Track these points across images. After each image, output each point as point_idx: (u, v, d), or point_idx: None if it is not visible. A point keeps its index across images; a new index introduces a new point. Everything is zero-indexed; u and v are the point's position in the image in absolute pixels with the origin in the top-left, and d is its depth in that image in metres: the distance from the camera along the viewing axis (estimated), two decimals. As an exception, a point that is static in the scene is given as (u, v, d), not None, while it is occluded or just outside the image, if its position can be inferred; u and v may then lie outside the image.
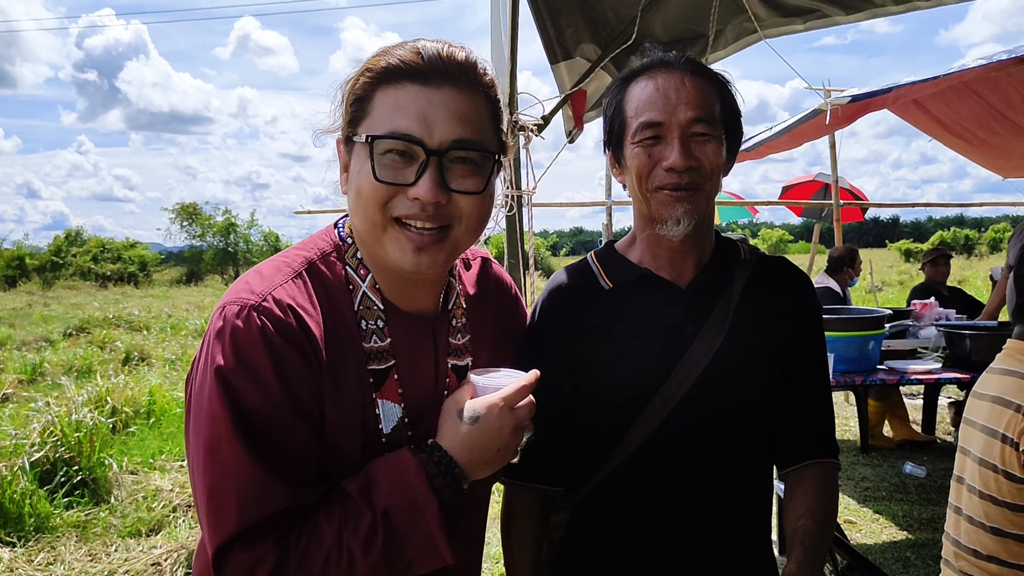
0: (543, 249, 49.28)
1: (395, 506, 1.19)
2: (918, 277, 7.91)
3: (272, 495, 1.15)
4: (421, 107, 1.20)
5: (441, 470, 1.23)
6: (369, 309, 1.31)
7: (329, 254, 1.33)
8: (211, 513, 1.16)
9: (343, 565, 1.16)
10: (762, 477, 1.64)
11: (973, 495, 2.16)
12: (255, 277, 1.26)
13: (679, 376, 1.53)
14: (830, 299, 6.95)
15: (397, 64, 1.22)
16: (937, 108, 6.86)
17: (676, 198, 1.50)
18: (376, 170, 1.21)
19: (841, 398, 8.71)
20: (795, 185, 12.24)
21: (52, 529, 5.12)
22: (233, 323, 1.17)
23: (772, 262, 1.70)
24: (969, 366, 4.68)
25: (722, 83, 1.58)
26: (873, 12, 3.66)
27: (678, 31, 3.79)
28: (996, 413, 2.10)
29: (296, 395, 1.18)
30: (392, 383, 1.31)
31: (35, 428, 5.84)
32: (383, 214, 1.23)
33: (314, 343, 1.21)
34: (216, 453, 1.15)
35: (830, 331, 4.73)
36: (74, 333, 15.14)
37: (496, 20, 3.27)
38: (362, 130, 1.24)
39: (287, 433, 1.17)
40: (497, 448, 1.26)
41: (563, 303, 1.64)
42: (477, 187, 1.25)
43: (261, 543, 1.14)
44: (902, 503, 5.47)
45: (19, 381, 10.27)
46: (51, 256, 38.59)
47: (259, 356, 1.16)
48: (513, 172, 3.35)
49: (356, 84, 1.26)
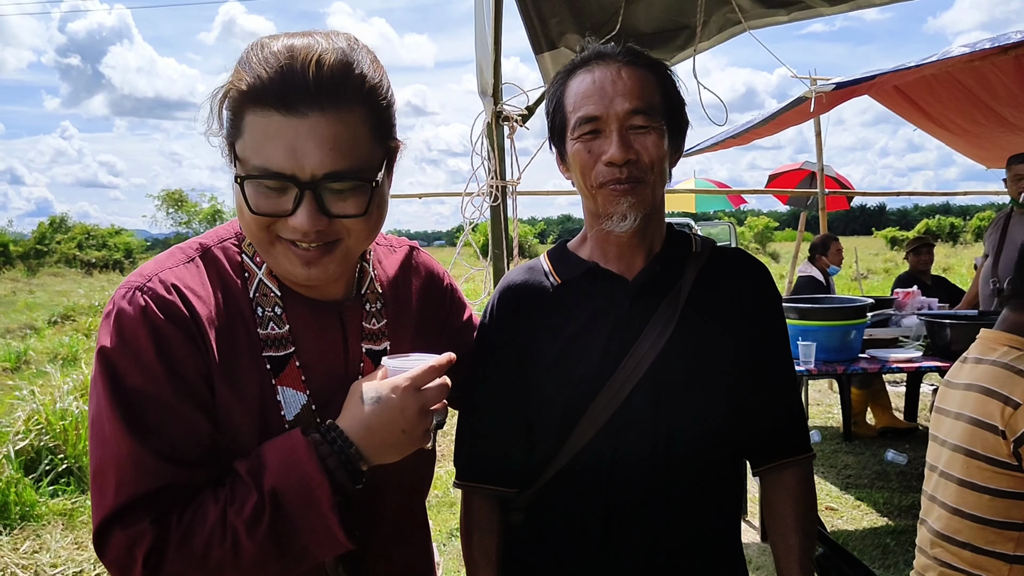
0: (531, 237, 49.22)
1: (284, 486, 1.16)
2: (903, 265, 7.95)
3: (150, 472, 1.13)
4: (288, 140, 1.13)
5: (335, 450, 1.20)
6: (266, 296, 1.29)
7: (227, 240, 1.33)
8: (94, 492, 1.16)
9: (227, 544, 1.14)
10: (724, 477, 1.59)
11: (950, 482, 2.19)
12: (150, 263, 1.27)
13: (627, 368, 1.50)
14: (813, 288, 7.00)
15: (261, 86, 1.14)
16: (922, 98, 6.89)
17: (620, 192, 1.48)
18: (251, 203, 1.18)
19: (824, 385, 8.78)
20: (781, 173, 12.27)
21: (38, 517, 5.12)
22: (119, 305, 1.18)
23: (727, 253, 1.67)
24: (950, 355, 4.73)
25: (663, 73, 1.55)
26: (856, 3, 3.66)
27: (662, 22, 3.78)
28: (980, 403, 2.12)
29: (179, 374, 1.17)
30: (293, 370, 1.28)
31: (20, 416, 5.84)
32: (268, 234, 1.21)
33: (200, 324, 1.20)
34: (99, 432, 1.16)
35: (812, 320, 4.77)
36: (59, 321, 15.08)
37: (480, 8, 3.27)
38: (238, 148, 1.19)
39: (168, 412, 1.16)
40: (400, 429, 1.22)
41: (511, 300, 1.62)
42: (358, 210, 1.20)
43: (139, 521, 1.12)
44: (883, 490, 5.54)
45: (3, 369, 10.26)
46: (35, 243, 38.31)
47: (140, 336, 1.16)
48: (498, 162, 3.35)
49: (223, 101, 1.21)
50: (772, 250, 42.59)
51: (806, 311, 4.81)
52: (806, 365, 4.65)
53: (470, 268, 3.84)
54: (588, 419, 1.51)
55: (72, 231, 39.86)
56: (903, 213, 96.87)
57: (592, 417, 1.51)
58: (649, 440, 1.50)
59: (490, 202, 3.44)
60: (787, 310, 4.87)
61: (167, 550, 1.13)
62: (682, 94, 1.59)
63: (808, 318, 4.78)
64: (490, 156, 3.36)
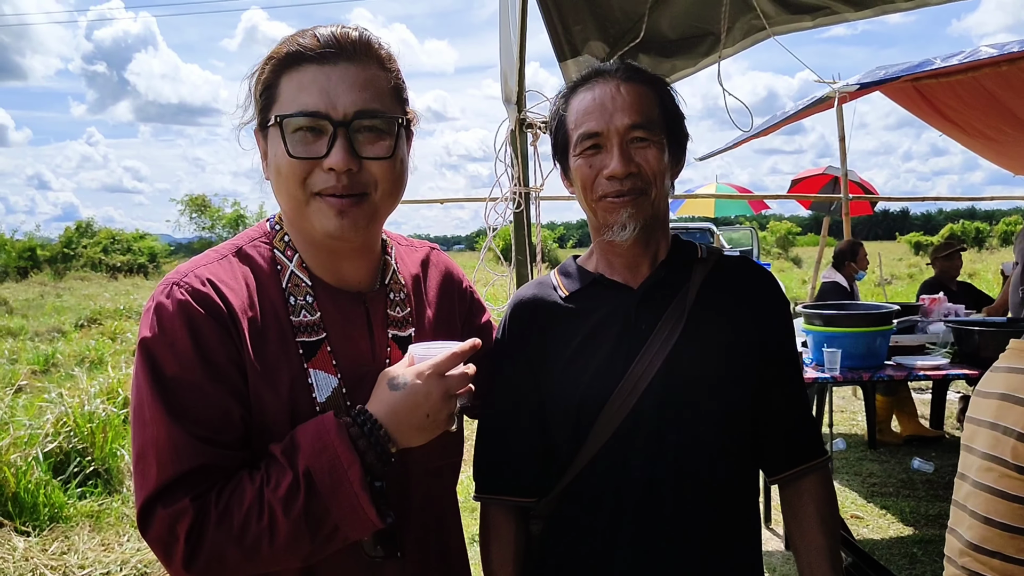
0: (550, 241, 49.16)
1: (317, 466, 1.22)
2: (928, 271, 7.86)
3: (187, 453, 1.21)
4: (322, 84, 1.29)
5: (364, 431, 1.26)
6: (297, 286, 1.39)
7: (257, 239, 1.43)
8: (137, 475, 1.23)
9: (264, 522, 1.20)
10: (735, 483, 1.59)
11: (980, 491, 2.18)
12: (187, 262, 1.37)
13: (635, 374, 1.52)
14: (837, 294, 6.95)
15: (297, 50, 1.30)
16: (946, 104, 6.83)
17: (620, 204, 1.53)
18: (289, 147, 1.29)
19: (848, 392, 8.71)
20: (804, 178, 12.20)
21: (66, 519, 5.19)
22: (158, 299, 1.28)
23: (733, 261, 1.69)
24: (978, 362, 4.68)
25: (662, 88, 1.59)
26: (883, 8, 3.64)
27: (686, 29, 3.79)
28: (1004, 409, 2.11)
29: (212, 360, 1.25)
30: (324, 354, 1.37)
31: (49, 419, 5.92)
32: (303, 189, 1.31)
33: (233, 314, 1.29)
34: (140, 417, 1.24)
35: (837, 327, 4.74)
36: (86, 324, 15.26)
37: (505, 17, 3.28)
38: (272, 115, 1.32)
39: (203, 396, 1.24)
40: (425, 414, 1.29)
41: (523, 314, 1.67)
42: (386, 152, 1.33)
43: (179, 500, 1.19)
44: (909, 499, 5.49)
45: (32, 372, 10.37)
46: (62, 247, 38.68)
47: (177, 326, 1.25)
48: (521, 169, 3.36)
49: (262, 74, 1.35)
50: (794, 255, 42.28)
51: (831, 318, 4.78)
52: (831, 372, 4.62)
53: (493, 274, 3.85)
54: (599, 426, 1.54)
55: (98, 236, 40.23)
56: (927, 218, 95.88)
57: (603, 424, 1.53)
58: (658, 446, 1.52)
59: (513, 208, 3.45)
60: (812, 316, 4.84)
61: (207, 527, 1.19)
62: (681, 108, 1.63)
63: (833, 325, 4.75)
64: (513, 163, 3.38)
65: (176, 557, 1.19)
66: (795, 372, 1.68)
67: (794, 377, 1.67)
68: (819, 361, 4.77)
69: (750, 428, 1.61)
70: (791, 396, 1.65)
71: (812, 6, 3.64)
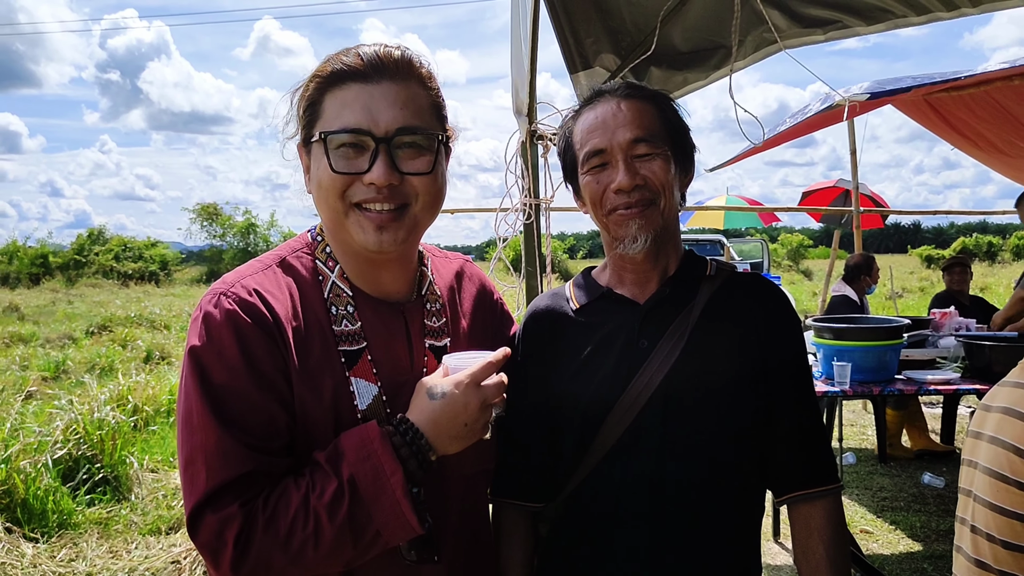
0: (560, 252, 49.18)
1: (361, 473, 1.25)
2: (939, 284, 7.84)
3: (236, 459, 1.23)
4: (365, 102, 1.33)
5: (407, 440, 1.30)
6: (339, 296, 1.43)
7: (299, 250, 1.47)
8: (186, 481, 1.26)
9: (309, 528, 1.23)
10: (736, 500, 1.59)
11: (983, 507, 2.16)
12: (231, 273, 1.40)
13: (635, 389, 1.55)
14: (847, 307, 6.92)
15: (341, 68, 1.35)
16: (958, 118, 6.80)
17: (629, 216, 1.56)
18: (332, 163, 1.33)
19: (859, 406, 8.67)
20: (815, 191, 12.18)
21: (75, 526, 5.20)
22: (206, 309, 1.31)
23: (743, 279, 1.69)
24: (989, 377, 4.64)
25: (663, 103, 1.63)
26: (894, 23, 3.64)
27: (697, 42, 3.79)
28: (1005, 423, 2.09)
29: (259, 369, 1.28)
30: (365, 363, 1.40)
31: (58, 426, 5.94)
32: (343, 202, 1.36)
33: (279, 324, 1.33)
34: (189, 424, 1.26)
35: (847, 340, 4.71)
36: (96, 331, 15.33)
37: (516, 30, 3.30)
38: (316, 131, 1.36)
39: (250, 403, 1.27)
40: (463, 423, 1.33)
41: (536, 325, 1.72)
42: (426, 167, 1.37)
43: (228, 506, 1.22)
44: (920, 514, 5.45)
45: (43, 379, 10.42)
46: (74, 254, 38.91)
47: (225, 335, 1.28)
48: (531, 181, 3.37)
49: (306, 91, 1.39)
50: (805, 267, 42.15)
51: (842, 331, 4.76)
52: (841, 386, 4.60)
53: (503, 284, 3.86)
54: (601, 437, 1.57)
55: (110, 243, 40.47)
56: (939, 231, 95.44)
57: (605, 435, 1.57)
58: (658, 460, 1.54)
59: (523, 219, 3.46)
60: (822, 330, 4.82)
61: (255, 533, 1.21)
62: (685, 120, 1.66)
63: (844, 338, 4.72)
64: (524, 174, 3.38)
65: (224, 562, 1.22)
66: (804, 395, 1.66)
67: (803, 400, 1.65)
68: (829, 375, 4.74)
69: (755, 446, 1.61)
70: (799, 418, 1.63)
71: (823, 20, 3.65)
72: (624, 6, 3.63)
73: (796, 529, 1.65)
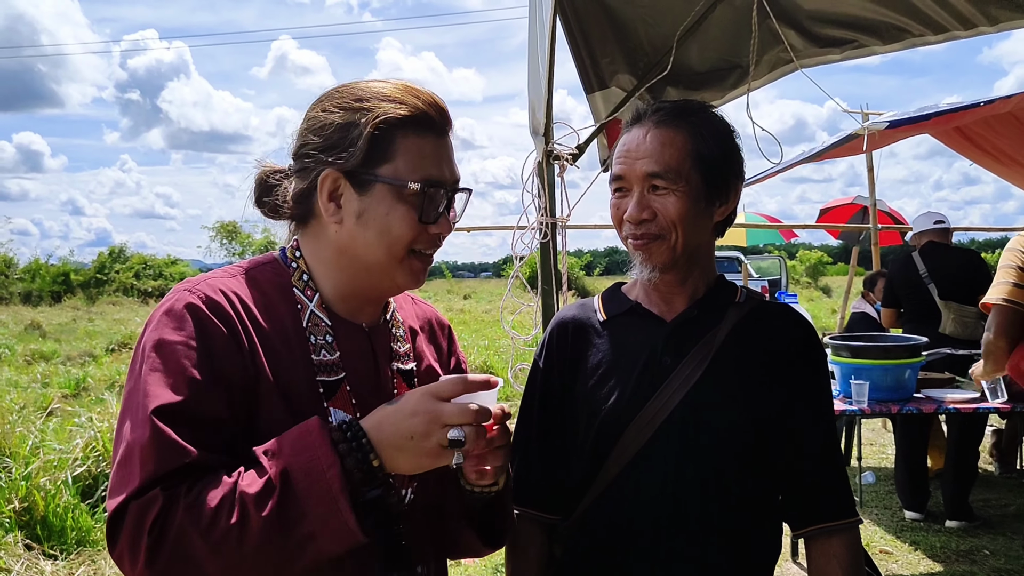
0: (577, 269, 49.14)
1: (295, 465, 1.17)
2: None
3: (173, 453, 1.17)
4: (443, 156, 1.40)
5: (346, 436, 1.22)
6: (317, 326, 1.40)
7: (265, 264, 1.45)
8: (116, 479, 1.19)
9: (235, 517, 1.14)
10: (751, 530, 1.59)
11: None
12: (198, 276, 1.40)
13: (654, 406, 1.55)
14: (867, 324, 6.88)
15: (423, 114, 1.38)
16: (978, 134, 6.77)
17: (636, 246, 1.59)
18: (424, 213, 1.37)
19: (878, 425, 8.58)
20: (833, 207, 12.13)
21: (93, 543, 5.22)
22: (169, 302, 1.29)
23: (771, 308, 1.70)
24: (1009, 396, 4.60)
25: (696, 132, 1.57)
26: (912, 42, 3.64)
27: (714, 62, 3.81)
28: None
29: (214, 367, 1.25)
30: (344, 393, 1.38)
31: (78, 443, 5.98)
32: (405, 249, 1.38)
33: (245, 325, 1.31)
34: (134, 418, 1.21)
35: (865, 359, 4.68)
36: (116, 349, 15.43)
37: (534, 50, 3.32)
38: (384, 172, 1.34)
39: (197, 397, 1.22)
40: (408, 434, 1.22)
41: (561, 334, 1.73)
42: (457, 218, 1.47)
43: (151, 492, 1.14)
44: (940, 534, 5.38)
45: (64, 396, 10.49)
46: (95, 272, 39.19)
47: (186, 327, 1.25)
48: (548, 200, 3.39)
49: (373, 123, 1.34)
50: (824, 284, 41.88)
51: (859, 349, 4.73)
52: (859, 404, 4.57)
53: (520, 303, 3.87)
54: (617, 453, 1.57)
55: (130, 261, 40.75)
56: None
57: (620, 452, 1.57)
58: (673, 482, 1.54)
59: (540, 238, 3.47)
60: (840, 348, 4.80)
61: (173, 515, 1.13)
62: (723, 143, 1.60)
63: (861, 356, 4.69)
64: (540, 194, 3.40)
65: (140, 554, 1.13)
66: (823, 431, 1.65)
67: (821, 436, 1.64)
68: (847, 393, 4.71)
69: (771, 477, 1.61)
70: (817, 453, 1.63)
71: (840, 39, 3.65)
72: (641, 26, 3.65)
73: (813, 556, 1.64)
